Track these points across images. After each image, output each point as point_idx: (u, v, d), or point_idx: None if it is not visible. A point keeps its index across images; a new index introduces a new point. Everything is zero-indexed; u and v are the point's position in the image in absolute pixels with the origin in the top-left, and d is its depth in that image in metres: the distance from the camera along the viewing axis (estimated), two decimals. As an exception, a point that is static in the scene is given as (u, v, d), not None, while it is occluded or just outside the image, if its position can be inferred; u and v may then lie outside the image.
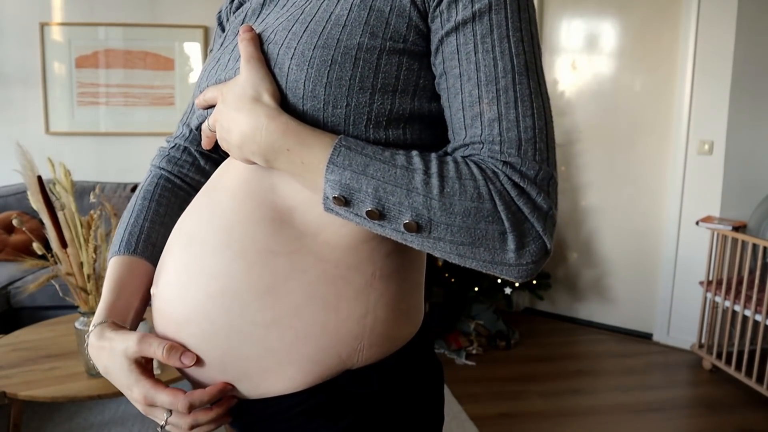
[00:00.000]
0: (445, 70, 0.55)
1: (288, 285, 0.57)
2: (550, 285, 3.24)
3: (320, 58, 0.55)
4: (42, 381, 1.79)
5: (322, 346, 0.58)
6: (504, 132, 0.52)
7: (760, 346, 2.58)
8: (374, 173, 0.52)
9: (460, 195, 0.51)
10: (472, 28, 0.53)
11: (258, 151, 0.56)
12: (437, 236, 0.52)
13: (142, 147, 3.52)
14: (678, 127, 3.13)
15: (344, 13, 0.56)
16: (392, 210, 0.52)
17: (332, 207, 0.54)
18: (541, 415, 2.49)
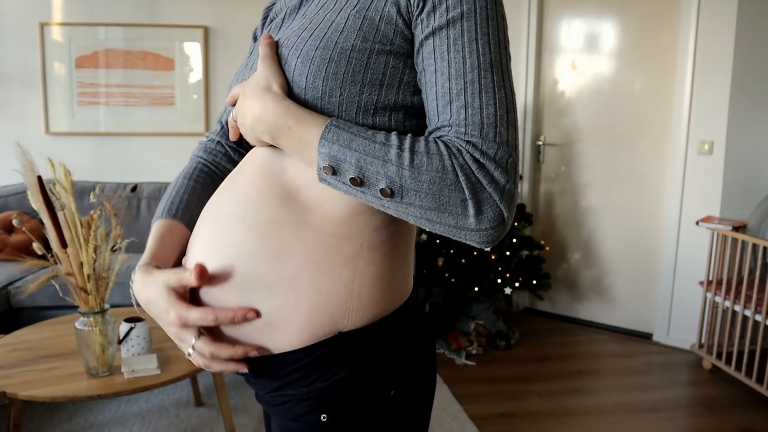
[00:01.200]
0: (424, 68, 0.66)
1: (291, 252, 0.68)
2: (550, 285, 3.24)
3: (320, 57, 0.66)
4: (42, 381, 1.79)
5: (316, 306, 0.68)
6: (469, 117, 0.62)
7: (760, 346, 2.58)
8: (357, 147, 0.63)
9: (427, 166, 0.61)
10: (446, 33, 0.64)
11: (266, 130, 0.68)
12: (408, 202, 0.62)
13: (142, 147, 3.52)
14: (678, 127, 3.13)
15: (342, 21, 0.68)
16: (371, 178, 0.62)
17: (324, 176, 0.65)
18: (541, 415, 2.49)
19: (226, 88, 3.54)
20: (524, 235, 3.23)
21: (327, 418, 0.71)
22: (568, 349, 3.22)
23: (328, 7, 0.71)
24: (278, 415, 0.75)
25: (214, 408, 2.45)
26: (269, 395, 0.74)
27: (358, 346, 0.70)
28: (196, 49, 3.48)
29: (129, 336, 1.93)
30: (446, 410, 2.48)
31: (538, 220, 3.70)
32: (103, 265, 1.78)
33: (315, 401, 0.70)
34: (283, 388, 0.72)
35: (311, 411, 0.71)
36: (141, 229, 3.26)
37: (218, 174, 0.89)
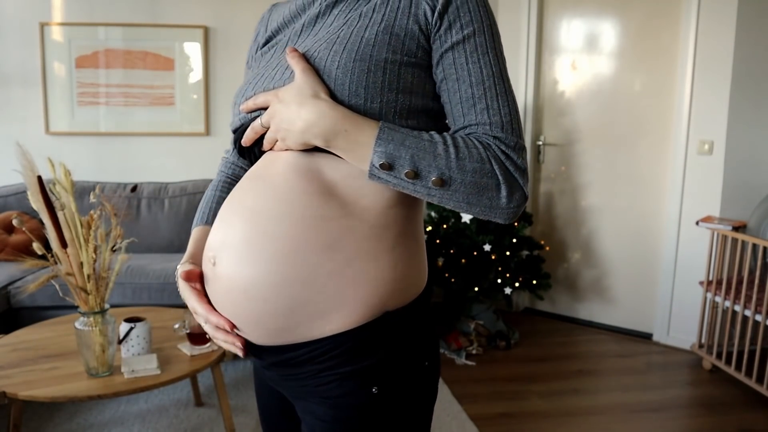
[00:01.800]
0: (445, 76, 0.78)
1: (341, 242, 0.75)
2: (550, 285, 3.24)
3: (359, 68, 0.75)
4: (42, 381, 1.79)
5: (367, 291, 0.76)
6: (492, 117, 0.76)
7: (760, 346, 2.58)
8: (410, 144, 0.73)
9: (470, 158, 0.73)
10: (463, 47, 0.77)
11: (320, 134, 0.74)
12: (454, 189, 0.74)
13: (142, 147, 3.52)
14: (678, 127, 3.13)
15: (372, 37, 0.77)
16: (423, 171, 0.73)
17: (376, 173, 0.73)
18: (541, 415, 2.49)
19: (227, 88, 3.54)
20: (524, 235, 3.23)
21: (377, 390, 0.79)
22: (568, 349, 3.23)
23: (353, 23, 0.79)
24: (325, 395, 0.79)
25: (214, 408, 2.45)
26: (314, 378, 0.79)
27: (400, 322, 0.79)
28: (196, 49, 3.48)
29: (129, 336, 1.93)
30: (446, 410, 2.48)
31: (538, 220, 3.70)
32: (103, 265, 1.78)
33: (366, 376, 0.78)
34: (335, 367, 0.77)
35: (363, 385, 0.78)
36: (141, 229, 3.26)
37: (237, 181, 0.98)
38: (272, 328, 0.77)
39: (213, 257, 0.80)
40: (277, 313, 0.76)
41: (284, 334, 0.77)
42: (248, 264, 0.75)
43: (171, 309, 2.43)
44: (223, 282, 0.78)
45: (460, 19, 0.77)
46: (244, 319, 0.78)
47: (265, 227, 0.75)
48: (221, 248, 0.79)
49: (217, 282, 0.80)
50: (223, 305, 0.80)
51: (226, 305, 0.79)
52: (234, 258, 0.77)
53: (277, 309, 0.75)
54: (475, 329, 3.16)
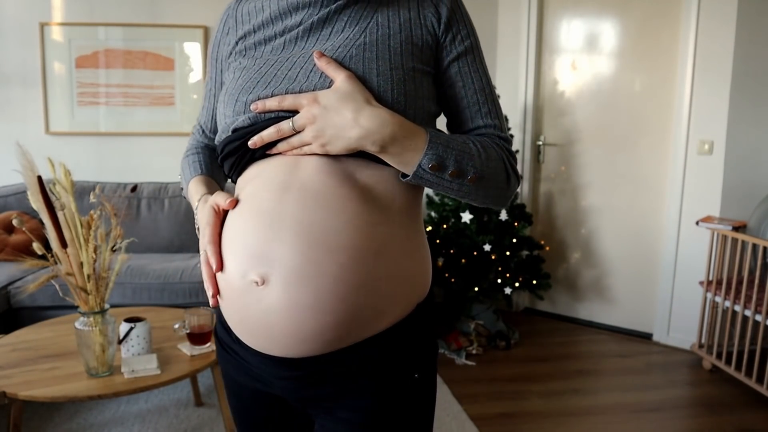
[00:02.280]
0: (453, 82, 0.87)
1: (388, 245, 0.79)
2: (550, 285, 3.24)
3: (396, 77, 0.80)
4: (42, 381, 1.79)
5: (409, 289, 0.83)
6: (494, 119, 0.88)
7: (760, 346, 2.58)
8: (454, 146, 0.81)
9: (495, 158, 0.85)
10: (467, 58, 0.87)
11: (379, 140, 0.77)
12: (485, 184, 0.84)
13: (142, 147, 3.52)
14: (678, 127, 3.13)
15: (398, 46, 0.82)
16: (464, 169, 0.81)
17: (421, 174, 0.79)
18: (541, 415, 2.49)
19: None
20: (524, 235, 3.23)
21: (419, 376, 0.87)
22: (568, 349, 3.22)
23: (373, 31, 0.82)
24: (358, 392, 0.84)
25: (214, 408, 2.45)
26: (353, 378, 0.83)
27: (426, 311, 0.87)
28: (196, 49, 3.48)
29: (129, 336, 1.93)
30: (446, 410, 2.48)
31: (538, 220, 3.70)
32: (103, 265, 1.78)
33: (408, 364, 0.85)
34: (379, 362, 0.83)
35: (406, 373, 0.85)
36: (141, 229, 3.26)
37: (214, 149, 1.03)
38: (330, 339, 0.78)
39: (262, 275, 0.76)
40: (341, 322, 0.77)
41: (340, 342, 0.79)
42: (312, 279, 0.75)
43: (171, 309, 2.43)
44: (278, 301, 0.76)
45: (461, 31, 0.87)
46: (300, 336, 0.77)
47: (324, 240, 0.75)
48: (274, 266, 0.76)
49: (264, 301, 0.77)
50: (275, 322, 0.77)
51: (277, 322, 0.77)
52: (294, 275, 0.75)
53: (342, 319, 0.77)
54: (475, 329, 3.16)
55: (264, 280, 0.76)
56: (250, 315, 0.79)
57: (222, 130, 0.88)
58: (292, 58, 0.83)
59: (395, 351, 0.84)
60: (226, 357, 0.94)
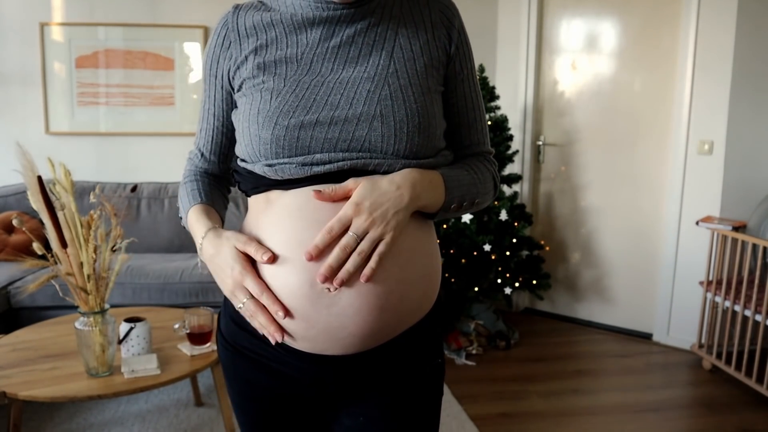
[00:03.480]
0: (456, 102, 0.96)
1: (427, 246, 0.88)
2: (550, 285, 3.24)
3: (428, 101, 0.88)
4: (42, 381, 1.79)
5: (437, 280, 0.92)
6: (484, 137, 1.00)
7: (760, 346, 2.58)
8: (462, 185, 0.91)
9: (488, 179, 0.97)
10: (469, 81, 0.96)
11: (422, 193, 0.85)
12: (480, 202, 0.95)
13: (142, 147, 3.52)
14: (678, 127, 3.13)
15: (423, 69, 0.89)
16: (473, 199, 0.93)
17: (442, 215, 0.90)
18: (541, 415, 2.49)
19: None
20: (524, 235, 3.23)
21: (441, 360, 0.98)
22: (568, 349, 3.22)
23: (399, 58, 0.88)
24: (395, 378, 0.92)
25: (214, 408, 2.45)
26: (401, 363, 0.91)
27: (440, 305, 0.96)
28: (196, 49, 3.48)
29: (129, 336, 1.93)
30: (446, 410, 2.48)
31: (538, 220, 3.70)
32: (103, 265, 1.78)
33: (434, 350, 0.96)
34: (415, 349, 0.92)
35: (432, 358, 0.96)
36: (141, 229, 3.26)
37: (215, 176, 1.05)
38: (387, 334, 0.86)
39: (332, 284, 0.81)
40: (399, 319, 0.85)
41: (391, 335, 0.86)
42: (379, 282, 0.81)
43: (171, 309, 2.43)
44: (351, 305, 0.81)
45: (465, 54, 0.95)
46: (365, 334, 0.83)
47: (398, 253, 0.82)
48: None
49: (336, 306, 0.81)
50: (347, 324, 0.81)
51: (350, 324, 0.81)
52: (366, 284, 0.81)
53: (400, 316, 0.85)
54: (475, 329, 3.16)
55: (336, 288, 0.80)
56: (320, 321, 0.81)
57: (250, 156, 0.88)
58: (328, 82, 0.85)
59: (425, 340, 0.93)
60: (242, 362, 0.94)
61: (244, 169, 0.91)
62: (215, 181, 1.04)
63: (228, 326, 0.95)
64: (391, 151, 0.84)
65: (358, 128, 0.83)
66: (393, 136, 0.83)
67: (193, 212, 0.95)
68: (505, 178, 3.29)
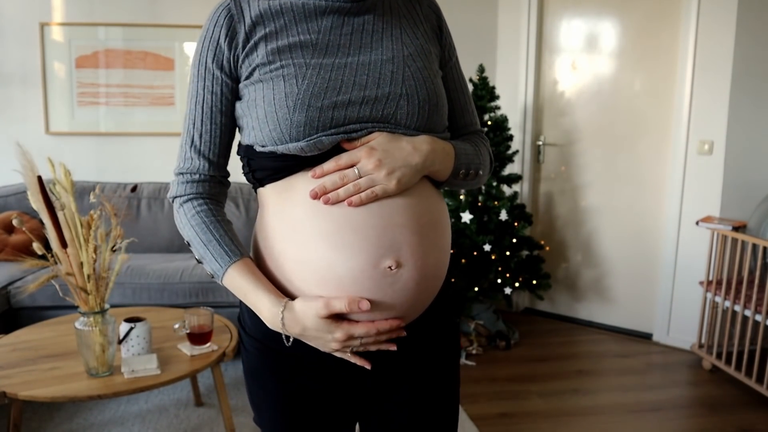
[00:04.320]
0: (448, 87, 1.02)
1: (446, 220, 0.96)
2: (550, 285, 3.24)
3: (438, 83, 0.95)
4: (42, 381, 1.79)
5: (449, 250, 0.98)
6: (475, 117, 1.08)
7: (760, 346, 2.58)
8: (467, 154, 0.98)
9: (485, 152, 1.04)
10: (456, 68, 1.05)
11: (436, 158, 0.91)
12: (483, 174, 1.02)
13: (142, 147, 3.52)
14: (678, 127, 3.13)
15: (429, 55, 0.97)
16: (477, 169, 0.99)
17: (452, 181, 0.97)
18: (541, 415, 2.49)
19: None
20: (524, 235, 3.23)
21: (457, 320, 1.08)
22: (568, 349, 3.23)
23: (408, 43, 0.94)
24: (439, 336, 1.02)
25: (214, 408, 2.45)
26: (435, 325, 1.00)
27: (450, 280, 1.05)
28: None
29: (129, 336, 1.93)
30: (446, 410, 2.47)
31: (538, 220, 3.70)
32: (103, 265, 1.78)
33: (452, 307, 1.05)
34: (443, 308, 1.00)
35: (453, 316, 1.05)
36: (141, 229, 3.26)
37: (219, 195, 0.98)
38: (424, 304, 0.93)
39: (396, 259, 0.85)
40: (437, 285, 0.93)
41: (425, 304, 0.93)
42: (430, 253, 0.89)
43: (171, 309, 2.43)
44: (411, 279, 0.87)
45: (450, 44, 1.03)
46: (419, 303, 0.91)
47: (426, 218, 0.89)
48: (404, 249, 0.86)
49: (399, 281, 0.86)
50: (406, 298, 0.87)
51: (407, 297, 0.87)
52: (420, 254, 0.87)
53: (438, 282, 0.93)
54: (475, 329, 3.16)
55: (398, 263, 0.85)
56: (384, 298, 0.86)
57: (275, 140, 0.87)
58: (351, 65, 0.89)
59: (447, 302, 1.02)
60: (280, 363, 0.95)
61: (263, 153, 0.89)
62: (217, 197, 0.97)
63: (258, 326, 0.92)
64: (413, 126, 0.90)
65: (386, 107, 0.88)
66: (416, 113, 0.90)
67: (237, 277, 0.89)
68: (505, 178, 3.29)
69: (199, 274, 2.81)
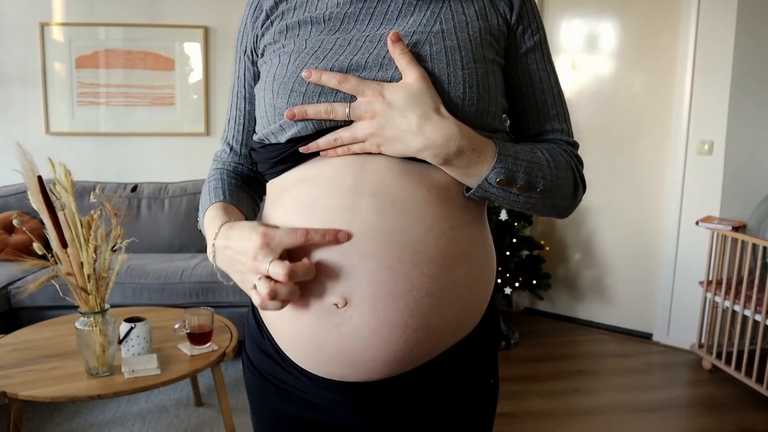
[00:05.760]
0: (520, 81, 0.79)
1: (471, 250, 0.74)
2: (550, 285, 3.24)
3: (482, 70, 0.72)
4: (42, 381, 1.79)
5: (487, 291, 0.78)
6: (563, 123, 0.81)
7: (760, 346, 2.58)
8: (523, 158, 0.72)
9: (564, 167, 0.77)
10: (535, 53, 0.79)
11: (443, 155, 0.68)
12: (554, 195, 0.75)
13: (142, 147, 3.52)
14: (678, 127, 3.13)
15: (477, 35, 0.74)
16: (533, 182, 0.72)
17: (487, 188, 0.71)
18: (541, 415, 2.49)
19: (227, 88, 3.53)
20: (524, 235, 3.23)
21: (494, 381, 0.84)
22: (568, 349, 3.22)
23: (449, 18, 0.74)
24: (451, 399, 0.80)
25: (214, 408, 2.45)
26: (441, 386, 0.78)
27: (494, 313, 0.82)
28: (196, 49, 3.48)
29: (129, 336, 1.93)
30: (446, 410, 2.47)
31: (538, 220, 3.70)
32: (104, 265, 1.78)
33: (485, 369, 0.82)
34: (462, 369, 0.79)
35: (485, 377, 0.83)
36: (141, 229, 3.26)
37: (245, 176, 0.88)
38: (418, 355, 0.72)
39: (344, 296, 0.68)
40: (431, 337, 0.71)
41: (426, 357, 0.73)
42: (402, 295, 0.68)
43: (171, 309, 2.43)
44: (365, 324, 0.68)
45: (531, 24, 0.79)
46: (388, 358, 0.70)
47: (410, 250, 0.68)
48: (358, 284, 0.67)
49: (347, 324, 0.69)
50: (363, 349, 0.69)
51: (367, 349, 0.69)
52: (383, 293, 0.67)
53: (433, 334, 0.71)
54: (475, 329, 3.16)
55: (346, 301, 0.68)
56: (331, 342, 0.70)
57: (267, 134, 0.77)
58: (355, 41, 0.73)
59: (474, 359, 0.79)
60: (267, 389, 0.83)
61: (257, 144, 0.79)
62: (245, 181, 0.88)
63: (252, 350, 0.85)
64: None
65: None
66: None
67: (210, 211, 0.78)
68: (505, 178, 3.29)
69: (199, 274, 2.81)
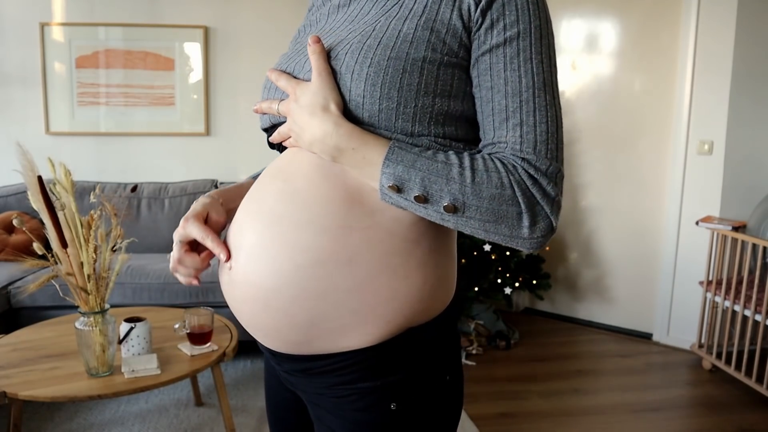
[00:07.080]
0: (479, 83, 0.69)
1: (364, 255, 0.69)
2: (550, 285, 3.24)
3: (394, 68, 0.67)
4: (42, 381, 1.79)
5: (394, 308, 0.71)
6: (524, 134, 0.67)
7: (760, 346, 2.58)
8: (420, 166, 0.66)
9: (487, 183, 0.66)
10: (503, 51, 0.68)
11: (326, 150, 0.70)
12: (469, 216, 0.67)
13: (142, 147, 3.52)
14: (678, 127, 3.13)
15: (410, 32, 0.69)
16: (434, 195, 0.66)
17: (387, 193, 0.68)
18: (541, 415, 2.49)
19: (227, 88, 3.54)
20: (524, 235, 3.23)
21: (396, 407, 0.74)
22: (568, 349, 3.22)
23: (392, 14, 0.72)
24: (340, 408, 0.76)
25: (214, 408, 2.45)
26: (330, 390, 0.76)
27: (424, 338, 0.74)
28: (196, 49, 3.48)
29: (129, 336, 1.93)
30: (446, 410, 2.47)
31: (538, 220, 3.70)
32: (103, 265, 1.78)
33: (386, 392, 0.73)
34: (353, 382, 0.74)
35: (381, 401, 0.73)
36: (141, 229, 3.26)
37: None
38: (290, 340, 0.74)
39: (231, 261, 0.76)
40: (296, 325, 0.72)
41: (302, 346, 0.74)
42: (268, 274, 0.71)
43: (171, 309, 2.43)
44: (241, 289, 0.75)
45: (504, 18, 0.67)
46: (262, 328, 0.75)
47: (286, 235, 0.70)
48: (239, 251, 0.74)
49: (234, 288, 0.76)
50: (241, 312, 0.76)
51: (244, 312, 0.76)
52: (252, 265, 0.72)
53: (297, 322, 0.72)
54: (475, 329, 3.16)
55: (231, 265, 0.75)
56: (228, 298, 0.79)
57: None
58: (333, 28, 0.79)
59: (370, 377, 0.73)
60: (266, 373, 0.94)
61: None
62: None
63: None
64: None
65: None
66: None
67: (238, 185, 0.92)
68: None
69: (199, 274, 2.81)
